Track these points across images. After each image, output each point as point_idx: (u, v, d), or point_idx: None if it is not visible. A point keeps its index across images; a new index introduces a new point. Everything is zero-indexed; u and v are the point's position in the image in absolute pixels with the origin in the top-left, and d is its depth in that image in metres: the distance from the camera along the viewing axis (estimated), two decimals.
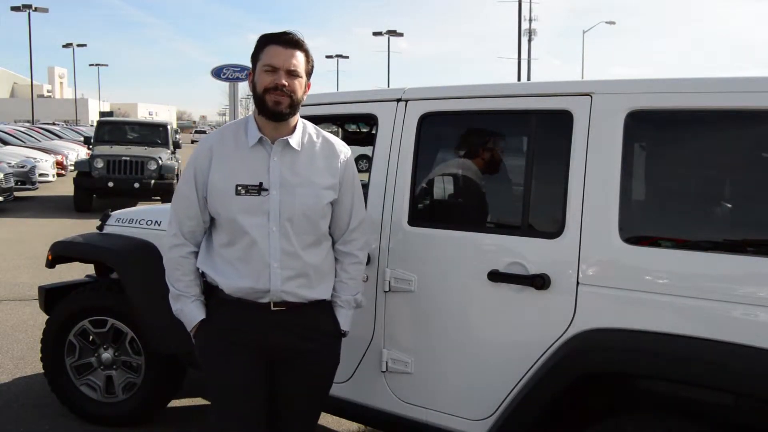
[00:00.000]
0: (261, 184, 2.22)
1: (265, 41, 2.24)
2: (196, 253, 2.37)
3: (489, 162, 2.93)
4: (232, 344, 2.28)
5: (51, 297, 3.99)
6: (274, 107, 2.19)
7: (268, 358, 2.32)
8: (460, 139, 3.04)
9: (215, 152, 2.27)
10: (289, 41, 2.22)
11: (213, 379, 2.36)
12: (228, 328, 2.29)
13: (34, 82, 46.05)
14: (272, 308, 2.26)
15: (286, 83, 2.18)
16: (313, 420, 2.50)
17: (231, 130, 2.32)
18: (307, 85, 2.29)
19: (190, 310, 2.33)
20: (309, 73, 2.29)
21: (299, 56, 2.23)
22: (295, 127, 2.30)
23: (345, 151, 2.39)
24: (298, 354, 2.32)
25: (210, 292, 2.35)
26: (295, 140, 2.27)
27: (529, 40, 38.47)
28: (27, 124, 33.41)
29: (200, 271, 2.37)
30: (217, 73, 16.65)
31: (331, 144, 2.36)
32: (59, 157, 18.75)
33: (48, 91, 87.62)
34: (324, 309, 2.39)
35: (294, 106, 2.22)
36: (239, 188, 2.21)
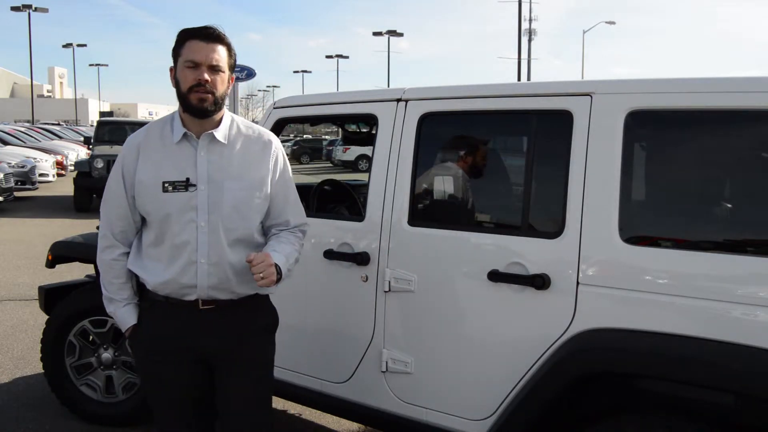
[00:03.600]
0: (188, 179, 2.19)
1: (186, 36, 2.19)
2: (128, 254, 2.33)
3: (489, 162, 2.93)
4: (166, 353, 2.26)
5: (51, 297, 3.98)
6: (198, 104, 2.17)
7: (205, 361, 2.30)
8: (460, 139, 3.04)
9: (142, 150, 2.24)
10: (210, 35, 2.17)
11: (150, 390, 2.36)
12: (159, 335, 2.27)
13: (34, 82, 46.07)
14: (201, 307, 2.23)
15: (209, 79, 2.15)
16: (263, 413, 2.38)
17: (157, 128, 2.29)
18: (231, 79, 2.26)
19: (121, 314, 2.33)
20: (232, 68, 2.25)
21: (221, 51, 2.19)
22: (220, 121, 2.26)
23: (275, 142, 2.36)
24: (234, 358, 2.29)
25: (142, 293, 2.34)
26: (221, 133, 2.24)
27: (529, 40, 38.48)
28: (27, 124, 33.38)
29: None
30: None
31: (260, 135, 2.33)
32: (59, 157, 18.74)
33: (48, 91, 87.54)
34: (259, 303, 2.35)
35: (217, 102, 2.20)
36: (166, 185, 2.18)
